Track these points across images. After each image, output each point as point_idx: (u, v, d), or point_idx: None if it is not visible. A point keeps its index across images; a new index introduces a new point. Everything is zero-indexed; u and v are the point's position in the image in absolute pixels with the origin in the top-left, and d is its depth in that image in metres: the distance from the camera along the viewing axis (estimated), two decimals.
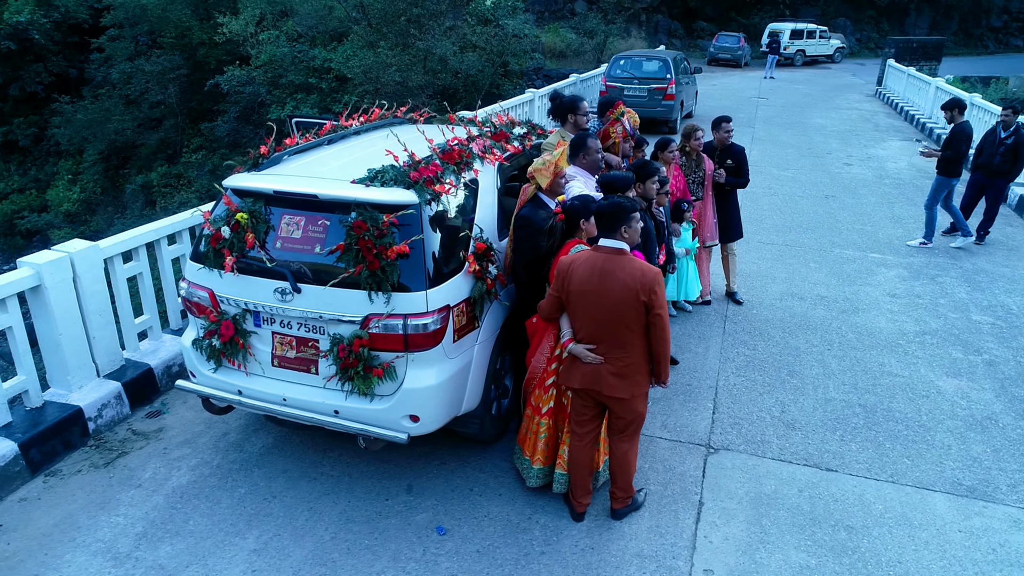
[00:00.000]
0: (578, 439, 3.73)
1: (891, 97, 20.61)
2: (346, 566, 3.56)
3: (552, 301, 3.56)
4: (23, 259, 4.35)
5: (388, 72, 17.92)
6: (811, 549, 3.72)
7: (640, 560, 3.62)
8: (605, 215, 3.40)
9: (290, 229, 3.74)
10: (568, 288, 3.43)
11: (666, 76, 14.51)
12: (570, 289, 3.42)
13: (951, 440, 4.67)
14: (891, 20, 37.93)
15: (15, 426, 4.24)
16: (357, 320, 3.60)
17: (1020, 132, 7.89)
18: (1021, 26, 39.31)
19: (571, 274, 3.41)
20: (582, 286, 3.37)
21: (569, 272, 3.43)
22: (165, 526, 3.83)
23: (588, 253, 3.45)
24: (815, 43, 32.18)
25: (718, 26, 36.03)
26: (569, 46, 25.56)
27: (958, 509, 4.04)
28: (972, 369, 5.59)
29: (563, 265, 3.48)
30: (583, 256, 3.45)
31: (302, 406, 3.79)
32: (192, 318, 4.07)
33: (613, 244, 3.38)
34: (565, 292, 3.45)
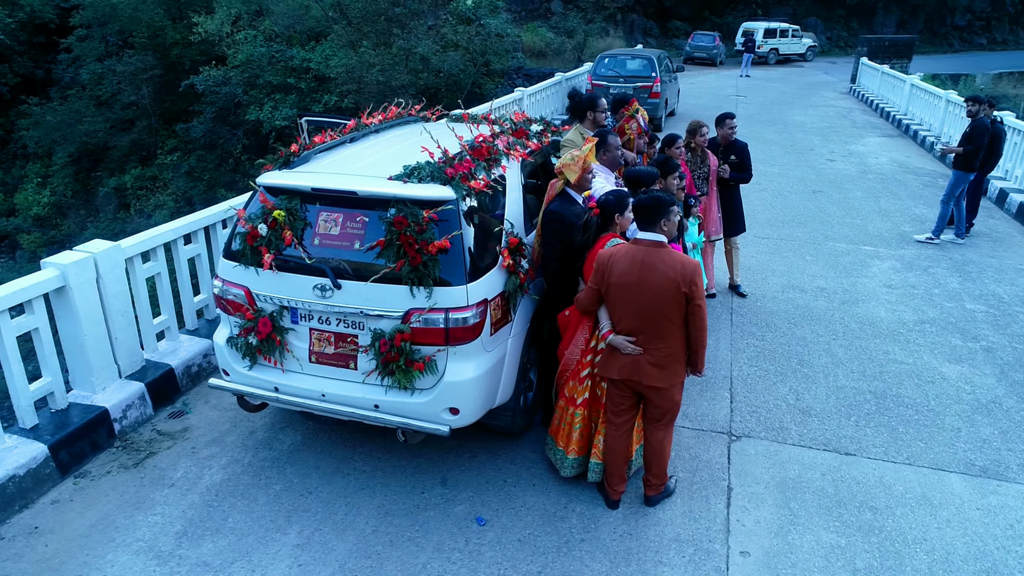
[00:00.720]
0: (615, 428, 3.81)
1: (865, 94, 21.07)
2: (391, 558, 3.61)
3: (591, 294, 3.64)
4: (47, 260, 4.31)
5: (371, 72, 17.85)
6: (840, 530, 3.85)
7: (678, 544, 3.72)
8: (645, 209, 3.49)
9: (328, 226, 3.77)
10: (608, 281, 3.51)
11: (651, 74, 14.69)
12: (610, 282, 3.50)
13: (960, 423, 4.85)
14: (860, 19, 38.71)
15: (42, 428, 4.21)
16: (398, 315, 3.64)
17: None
18: (984, 25, 40.37)
19: (611, 267, 3.49)
20: (623, 279, 3.46)
21: (609, 265, 3.51)
22: (204, 524, 3.83)
23: (628, 246, 3.53)
24: (788, 42, 32.74)
25: (692, 25, 36.47)
26: (548, 45, 25.69)
27: (974, 488, 4.21)
28: (972, 355, 5.79)
29: (603, 258, 3.56)
30: (623, 249, 3.53)
31: (341, 401, 3.82)
32: (225, 316, 4.08)
33: (652, 237, 3.47)
34: (605, 284, 3.53)
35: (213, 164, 27.29)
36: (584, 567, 3.56)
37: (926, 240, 8.48)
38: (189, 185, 26.91)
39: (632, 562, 3.60)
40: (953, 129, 13.55)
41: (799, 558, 3.64)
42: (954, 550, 3.72)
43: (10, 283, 4.06)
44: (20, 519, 3.85)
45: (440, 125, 5.34)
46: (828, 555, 3.67)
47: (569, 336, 3.98)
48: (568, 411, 4.01)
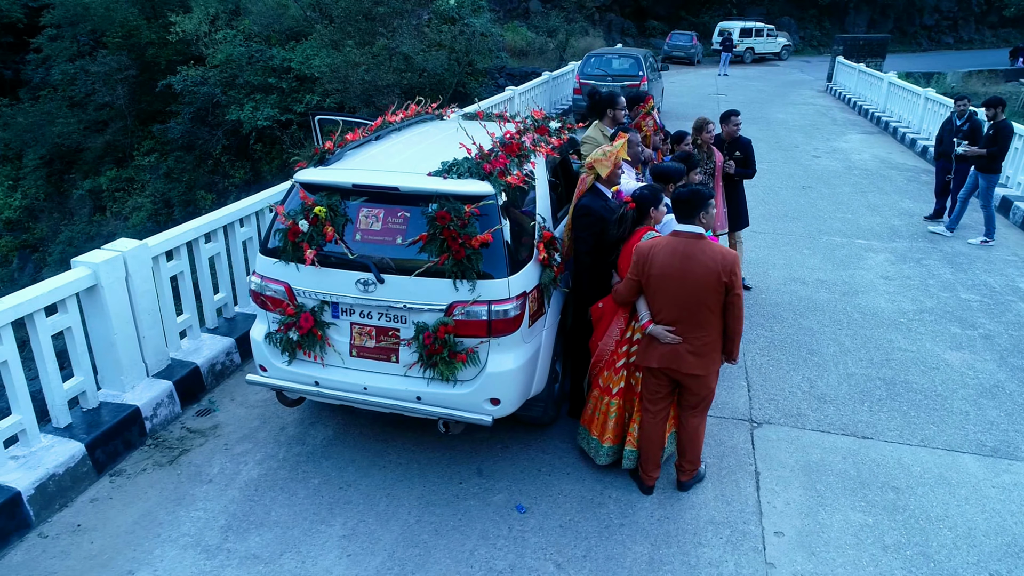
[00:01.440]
0: (651, 416, 3.92)
1: (843, 92, 21.50)
2: (438, 546, 3.68)
3: (631, 285, 3.74)
4: (77, 259, 4.31)
5: (357, 71, 17.81)
6: (866, 509, 4.01)
7: (714, 526, 3.84)
8: (684, 202, 3.60)
9: (369, 221, 3.82)
10: (649, 272, 3.61)
11: (638, 73, 14.87)
12: (651, 273, 3.61)
13: (967, 407, 5.04)
14: (832, 19, 39.43)
15: (76, 427, 4.20)
16: (441, 308, 3.72)
17: (974, 118, 8.44)
18: (951, 24, 41.35)
19: (652, 258, 3.60)
20: (663, 270, 3.57)
21: (650, 257, 3.61)
22: (248, 518, 3.87)
23: (668, 238, 3.64)
24: (763, 41, 33.26)
25: (669, 24, 36.88)
26: (529, 44, 25.81)
27: (987, 468, 4.39)
28: (972, 343, 6.01)
29: (642, 250, 3.66)
30: (663, 241, 3.64)
31: (383, 394, 3.88)
32: (262, 312, 4.11)
33: (692, 229, 3.59)
34: (645, 276, 3.64)
35: (192, 165, 27.00)
36: (627, 550, 3.67)
37: (980, 243, 8.47)
38: (168, 187, 26.58)
39: (672, 544, 3.72)
40: (932, 126, 13.92)
41: (831, 536, 3.79)
42: (975, 526, 3.89)
43: (44, 283, 4.05)
44: (61, 517, 3.85)
45: (462, 123, 5.42)
46: (858, 533, 3.82)
47: (603, 327, 4.08)
48: (603, 400, 4.11)
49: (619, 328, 4.00)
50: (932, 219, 9.21)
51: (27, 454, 3.95)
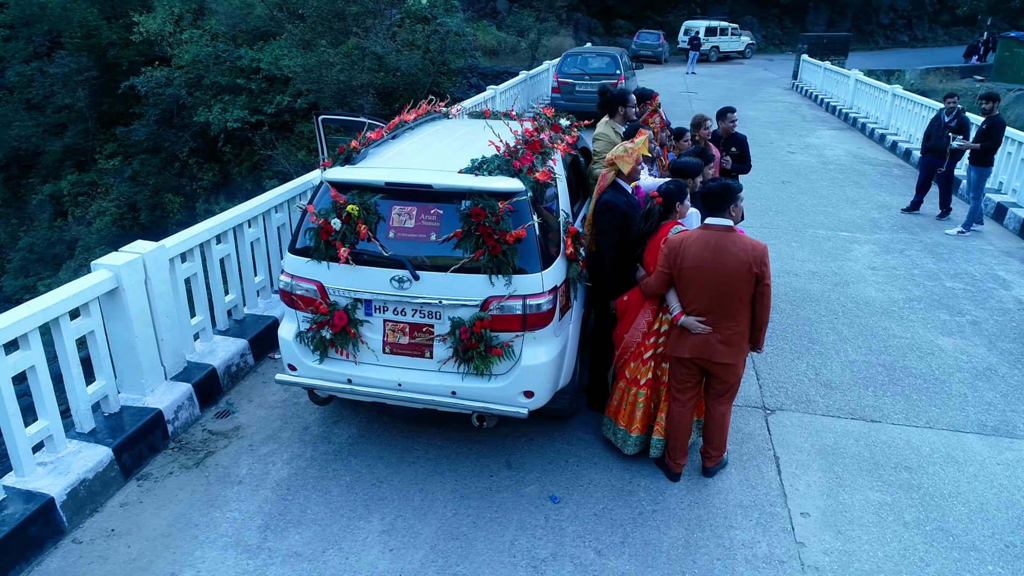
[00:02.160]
0: (680, 404, 4.03)
1: (809, 90, 22.02)
2: (478, 537, 3.74)
3: (662, 278, 3.84)
4: (97, 262, 4.26)
5: (332, 71, 17.68)
6: (883, 488, 4.17)
7: (743, 510, 3.97)
8: (715, 196, 3.72)
9: (402, 219, 3.86)
10: (681, 265, 3.72)
11: (616, 72, 15.06)
12: (683, 265, 3.72)
13: (965, 389, 5.27)
14: (793, 18, 40.30)
15: (100, 432, 4.16)
16: (477, 303, 3.77)
17: (962, 116, 8.77)
18: (906, 23, 42.58)
19: (684, 252, 3.71)
20: (696, 262, 3.67)
21: (682, 250, 3.72)
22: (284, 517, 3.87)
23: (698, 232, 3.75)
24: (728, 40, 33.87)
25: (635, 23, 37.31)
26: (500, 44, 25.88)
27: (990, 446, 4.60)
28: (961, 328, 6.26)
29: (674, 244, 3.77)
30: (693, 235, 3.75)
31: (418, 390, 3.92)
32: (290, 311, 4.11)
33: (722, 222, 3.70)
34: (677, 268, 3.74)
35: (158, 168, 26.50)
36: (662, 535, 3.77)
37: (957, 234, 8.77)
38: (133, 190, 26.05)
39: (705, 528, 3.83)
40: (900, 122, 14.39)
41: (854, 516, 3.94)
42: (986, 501, 4.09)
43: (67, 286, 4.00)
44: (93, 523, 3.81)
45: (471, 121, 5.48)
46: (878, 511, 3.99)
47: (629, 320, 4.18)
48: (630, 391, 4.21)
49: (646, 320, 4.10)
50: (909, 211, 9.53)
51: (55, 460, 3.89)
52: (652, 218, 4.03)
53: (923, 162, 9.51)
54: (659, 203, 4.02)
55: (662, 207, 4.02)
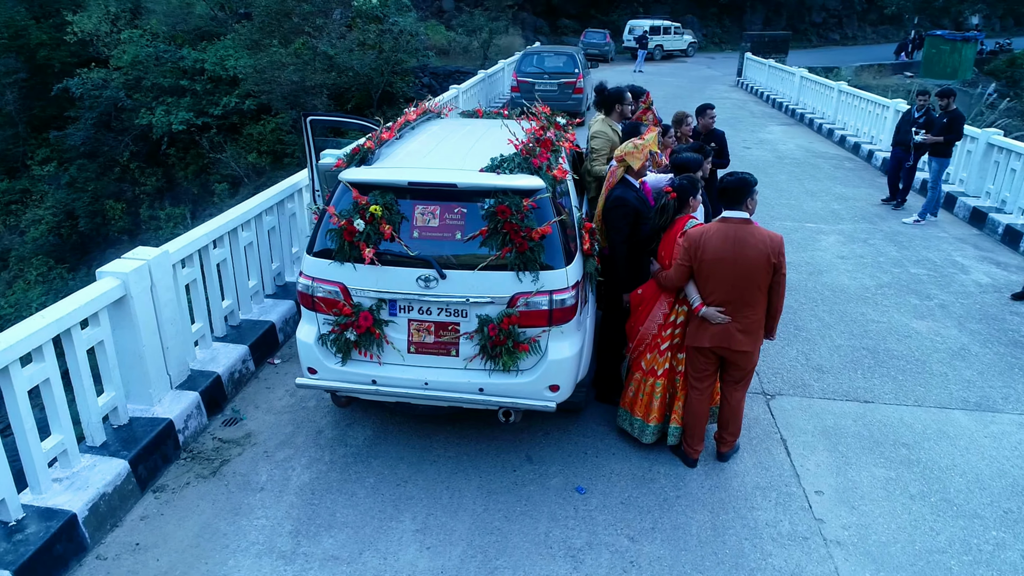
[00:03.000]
0: (698, 392, 4.16)
1: (754, 87, 22.70)
2: (512, 531, 3.78)
3: (682, 271, 3.95)
4: (102, 269, 4.12)
5: (285, 72, 17.34)
6: (886, 464, 4.40)
7: (762, 491, 4.13)
8: (732, 189, 3.85)
9: (426, 218, 3.87)
10: (702, 257, 3.84)
11: (574, 71, 15.23)
12: (704, 258, 3.84)
13: (945, 368, 5.58)
14: (731, 17, 41.42)
15: (111, 445, 4.04)
16: (504, 300, 3.81)
17: (930, 112, 9.23)
18: (837, 22, 44.28)
19: (705, 244, 3.83)
20: (717, 254, 3.80)
21: (702, 243, 3.84)
22: (314, 521, 3.84)
23: (717, 225, 3.88)
24: (671, 38, 34.58)
25: (580, 22, 37.73)
26: (451, 43, 25.83)
27: (975, 420, 4.89)
28: (932, 312, 6.61)
29: (694, 237, 3.89)
30: (713, 227, 3.88)
31: (445, 388, 3.94)
32: (309, 313, 4.06)
33: (740, 215, 3.84)
34: (698, 261, 3.86)
35: (96, 174, 25.56)
36: (689, 519, 3.89)
37: (914, 222, 9.22)
38: (71, 197, 25.05)
39: (729, 510, 3.97)
40: (847, 117, 15.00)
41: (864, 491, 4.14)
42: (981, 472, 4.35)
43: (76, 296, 3.87)
44: (116, 537, 3.71)
45: (470, 121, 5.51)
46: (885, 486, 4.20)
47: (645, 312, 4.28)
48: (647, 382, 4.32)
49: (662, 312, 4.21)
50: (887, 203, 9.98)
51: (70, 475, 3.77)
52: (667, 213, 4.15)
53: (892, 155, 9.97)
54: (673, 198, 4.13)
55: (676, 202, 4.14)
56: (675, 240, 4.10)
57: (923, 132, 9.11)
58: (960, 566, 3.63)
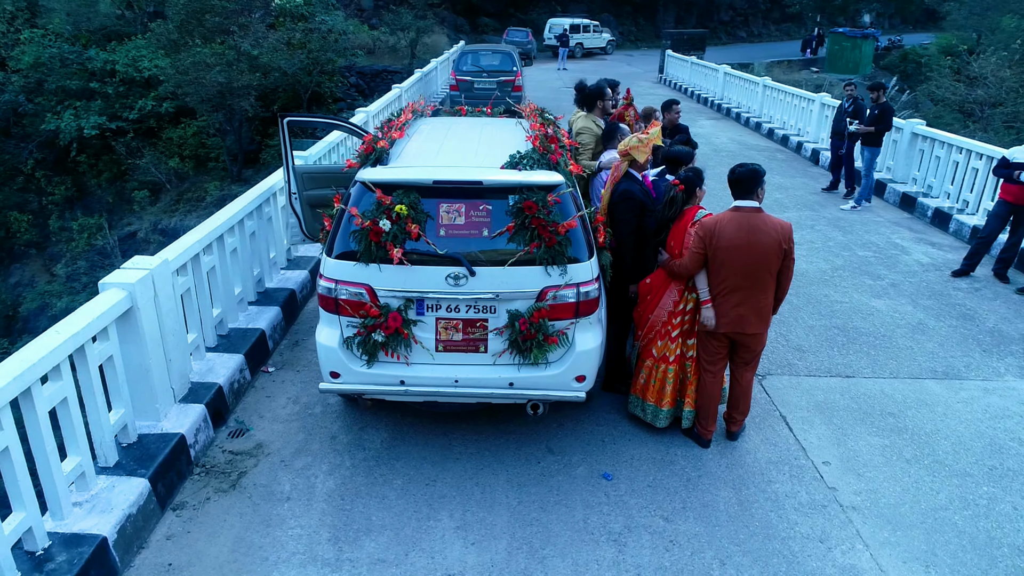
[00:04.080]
0: (711, 375, 4.34)
1: (677, 83, 23.46)
2: (552, 520, 3.85)
3: (697, 258, 4.11)
4: (106, 281, 3.92)
5: (211, 73, 16.69)
6: (879, 433, 4.71)
7: (775, 465, 4.35)
8: (744, 180, 4.05)
9: (451, 216, 3.88)
10: (717, 245, 4.01)
11: (513, 68, 15.36)
12: (719, 246, 4.01)
13: (909, 342, 6.00)
14: (645, 15, 42.59)
15: (125, 464, 3.85)
16: (533, 294, 3.87)
17: (858, 102, 9.82)
18: (743, 20, 46.24)
19: (719, 233, 4.01)
20: (732, 242, 3.98)
21: (716, 232, 4.01)
22: (351, 526, 3.79)
23: (730, 214, 4.07)
24: (590, 36, 35.26)
25: (499, 21, 37.92)
26: (376, 42, 25.48)
27: (946, 388, 5.30)
28: (886, 291, 7.08)
29: (708, 226, 4.05)
30: (726, 217, 4.06)
31: (475, 384, 3.97)
32: (330, 316, 4.00)
33: (751, 204, 4.04)
34: (712, 249, 4.03)
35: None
36: (715, 496, 4.06)
37: (851, 208, 9.80)
38: None
39: (750, 485, 4.17)
40: (772, 110, 15.74)
41: (865, 459, 4.43)
42: (961, 434, 4.73)
43: (85, 309, 3.67)
44: (145, 559, 3.55)
45: (462, 119, 5.53)
46: (883, 453, 4.51)
47: (654, 301, 4.43)
48: (659, 368, 4.46)
49: (672, 299, 4.36)
50: (828, 191, 10.55)
51: (89, 498, 3.58)
52: (676, 205, 4.30)
53: (832, 146, 10.56)
54: (681, 190, 4.29)
55: (684, 194, 4.30)
56: (684, 230, 4.26)
57: (856, 122, 9.70)
58: (963, 520, 3.94)
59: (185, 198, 20.31)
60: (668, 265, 4.32)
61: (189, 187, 20.77)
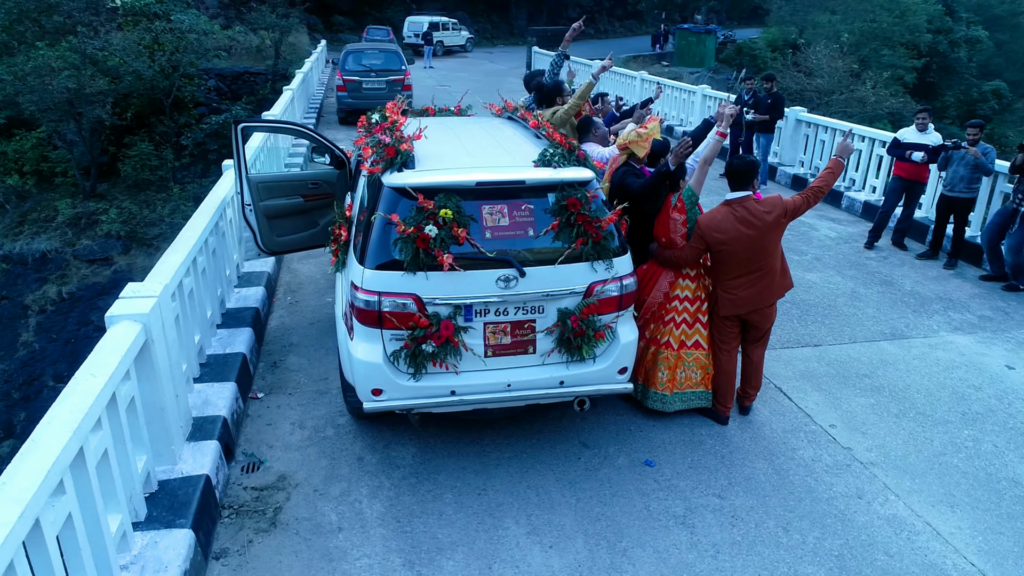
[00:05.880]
0: (726, 354, 4.56)
1: None
2: (616, 512, 3.89)
3: (697, 252, 4.35)
4: (113, 313, 3.47)
5: (58, 78, 14.98)
6: (863, 393, 5.16)
7: (792, 433, 4.64)
8: (742, 172, 4.30)
9: (495, 218, 3.79)
10: (716, 242, 4.27)
11: (401, 67, 15.08)
12: (721, 239, 4.25)
13: (851, 310, 6.59)
14: (499, 13, 43.17)
15: (157, 515, 3.44)
16: (581, 291, 3.87)
17: (757, 94, 10.57)
18: (590, 17, 48.02)
19: (718, 228, 4.26)
20: (730, 237, 4.24)
21: (714, 227, 4.27)
22: (420, 548, 3.62)
23: (725, 210, 4.31)
24: (450, 34, 35.27)
25: (354, 20, 37.02)
26: (232, 42, 24.00)
27: (899, 347, 5.89)
28: (813, 265, 7.72)
29: (705, 225, 4.30)
30: (721, 213, 4.30)
31: (527, 387, 3.91)
32: (368, 331, 3.77)
33: (743, 194, 4.30)
34: (713, 246, 4.29)
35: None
36: (753, 469, 4.28)
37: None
38: None
39: (777, 454, 4.42)
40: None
41: (862, 419, 4.84)
42: (928, 387, 5.28)
43: (107, 349, 3.22)
44: None
45: (456, 119, 5.41)
46: (874, 410, 4.94)
47: (650, 284, 4.57)
48: (648, 351, 4.57)
49: (668, 282, 4.52)
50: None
51: (133, 558, 3.17)
52: (662, 196, 4.48)
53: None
54: (667, 184, 4.47)
55: (669, 186, 4.49)
56: (669, 216, 4.44)
57: (753, 112, 10.45)
58: (960, 462, 4.42)
59: (30, 219, 18.14)
60: (664, 255, 4.48)
61: (33, 206, 18.55)
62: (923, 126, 7.94)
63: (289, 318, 6.17)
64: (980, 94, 35.38)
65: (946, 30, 36.40)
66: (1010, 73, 39.35)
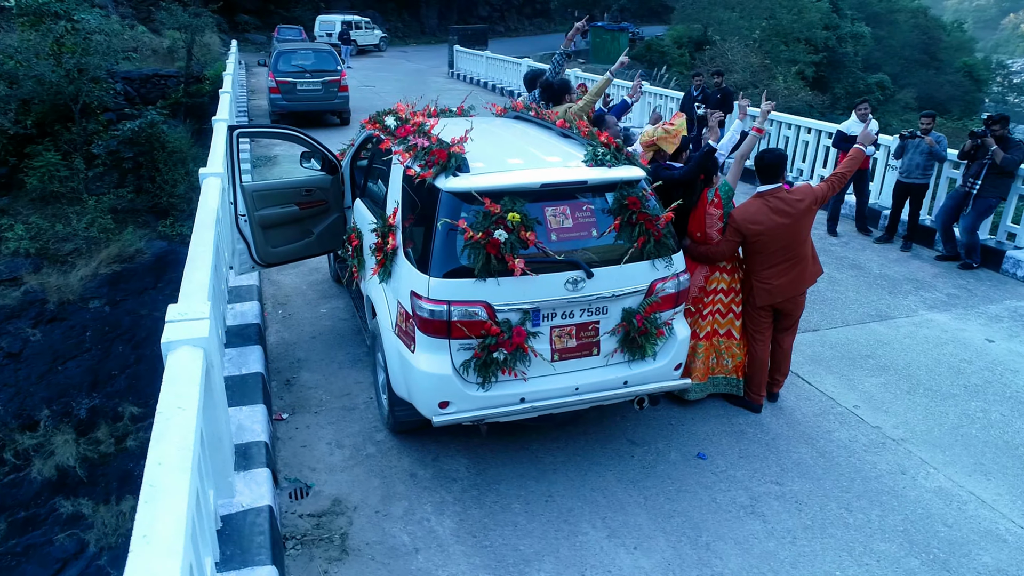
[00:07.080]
0: (760, 344, 4.68)
1: (472, 76, 23.98)
2: (686, 508, 3.91)
3: (732, 245, 4.44)
4: (170, 339, 3.18)
5: None
6: (871, 373, 5.41)
7: (822, 416, 4.81)
8: (772, 166, 4.41)
9: (559, 219, 3.72)
10: (755, 231, 4.36)
11: (337, 68, 14.63)
12: (757, 231, 4.36)
13: (835, 295, 6.90)
14: (410, 11, 42.64)
15: (233, 555, 3.19)
16: (643, 289, 3.87)
17: (706, 90, 10.88)
18: (500, 15, 48.25)
19: (753, 220, 4.36)
20: (765, 227, 4.36)
21: (749, 219, 4.36)
22: (505, 561, 3.53)
23: (757, 203, 4.42)
24: (363, 33, 34.53)
25: (260, 19, 35.67)
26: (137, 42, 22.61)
27: (888, 328, 6.21)
28: None
29: (739, 218, 4.39)
30: (754, 206, 4.41)
31: (594, 389, 3.88)
32: (433, 342, 3.63)
33: (774, 186, 4.42)
34: (754, 234, 4.37)
35: None
36: (800, 454, 4.41)
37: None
38: None
39: (816, 438, 4.57)
40: None
41: (880, 398, 5.07)
42: (925, 363, 5.59)
43: (179, 378, 2.96)
44: None
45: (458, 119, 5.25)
46: (888, 389, 5.19)
47: None
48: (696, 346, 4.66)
49: (703, 275, 4.60)
50: None
51: None
52: (697, 191, 4.56)
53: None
54: (702, 178, 4.55)
55: (703, 181, 4.57)
56: (704, 212, 4.53)
57: (704, 107, 10.77)
58: (977, 431, 4.71)
59: None
60: (698, 251, 4.55)
61: None
62: (863, 116, 8.37)
63: (287, 333, 5.87)
64: (866, 86, 37.82)
65: (833, 26, 38.83)
66: (889, 67, 42.47)
